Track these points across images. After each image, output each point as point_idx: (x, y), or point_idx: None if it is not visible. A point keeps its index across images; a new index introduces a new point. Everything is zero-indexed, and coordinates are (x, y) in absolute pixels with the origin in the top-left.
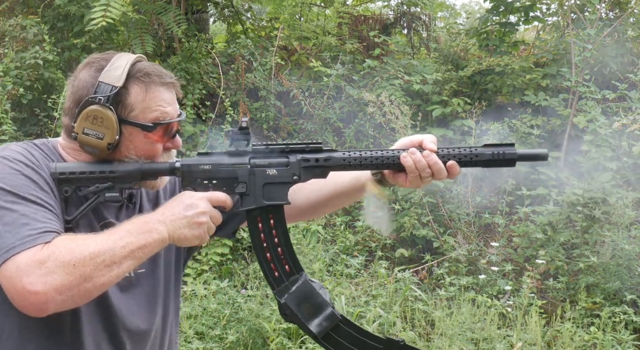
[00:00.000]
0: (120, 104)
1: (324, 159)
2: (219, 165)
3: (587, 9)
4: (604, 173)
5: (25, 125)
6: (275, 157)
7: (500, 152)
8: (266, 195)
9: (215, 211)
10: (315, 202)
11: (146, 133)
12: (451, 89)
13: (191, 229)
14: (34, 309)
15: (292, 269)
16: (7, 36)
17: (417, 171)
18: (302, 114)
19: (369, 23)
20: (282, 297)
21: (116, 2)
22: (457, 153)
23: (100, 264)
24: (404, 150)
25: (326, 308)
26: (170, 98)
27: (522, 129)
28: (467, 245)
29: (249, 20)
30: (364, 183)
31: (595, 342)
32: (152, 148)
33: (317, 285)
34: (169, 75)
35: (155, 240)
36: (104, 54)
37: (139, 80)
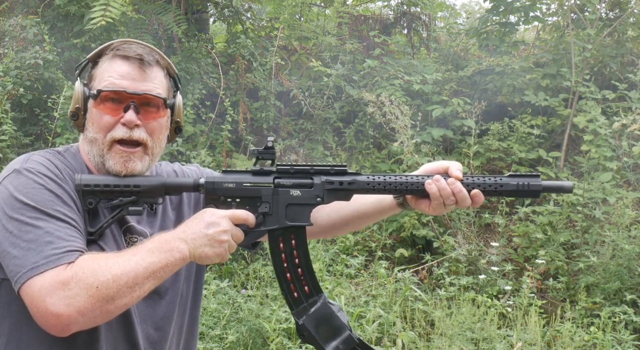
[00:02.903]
0: (90, 78)
1: (348, 182)
2: (243, 184)
3: (587, 9)
4: (604, 173)
5: (25, 125)
6: (299, 178)
7: (525, 183)
8: (289, 216)
9: (236, 229)
10: (336, 221)
11: (94, 102)
12: (451, 89)
13: (212, 247)
14: (56, 329)
15: (311, 291)
16: (7, 36)
17: (441, 198)
18: (302, 114)
19: (369, 23)
20: (300, 318)
21: (116, 2)
22: (482, 182)
23: (123, 285)
24: (429, 176)
25: (344, 331)
26: (127, 72)
27: (522, 129)
28: (467, 245)
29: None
30: (387, 206)
31: (595, 342)
32: (100, 119)
33: (336, 308)
34: (140, 52)
35: (177, 259)
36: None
37: (106, 54)
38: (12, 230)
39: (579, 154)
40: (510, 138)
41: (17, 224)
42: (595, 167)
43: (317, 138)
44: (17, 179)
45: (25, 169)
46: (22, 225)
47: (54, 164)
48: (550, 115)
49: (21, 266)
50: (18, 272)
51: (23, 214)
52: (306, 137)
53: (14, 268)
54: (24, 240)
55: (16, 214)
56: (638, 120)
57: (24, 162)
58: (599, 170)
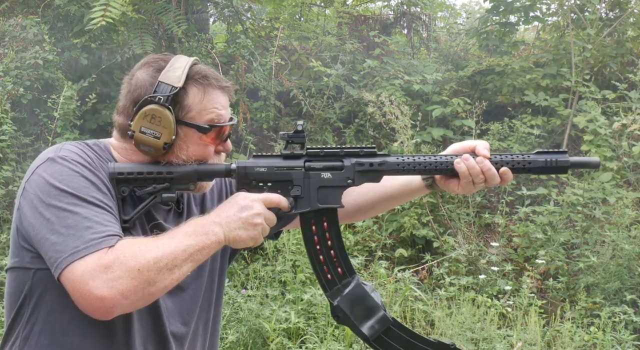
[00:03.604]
0: (178, 104)
1: (378, 164)
2: (274, 168)
3: (587, 9)
4: (603, 173)
5: (25, 125)
6: (329, 160)
7: (553, 159)
8: (320, 199)
9: (269, 213)
10: (363, 204)
11: (201, 135)
12: (451, 89)
13: (246, 230)
14: (99, 313)
15: (345, 272)
16: (7, 36)
17: (470, 177)
18: (302, 114)
19: (369, 23)
20: (334, 300)
21: (116, 2)
22: (510, 160)
23: (162, 268)
24: (457, 155)
25: (378, 311)
26: (224, 101)
27: (522, 129)
28: (467, 245)
29: (249, 20)
30: (415, 188)
31: (595, 342)
32: (204, 150)
33: (369, 288)
34: (225, 79)
35: (213, 242)
36: (161, 55)
37: (197, 82)
38: (50, 217)
39: (579, 154)
40: (510, 138)
41: (54, 211)
42: None
43: (317, 138)
44: (52, 167)
45: (59, 157)
46: (60, 211)
47: (86, 153)
48: (550, 115)
49: (61, 251)
50: (58, 258)
51: (60, 200)
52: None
53: (54, 254)
54: (63, 226)
55: (53, 200)
56: (638, 120)
57: (58, 150)
58: (599, 170)
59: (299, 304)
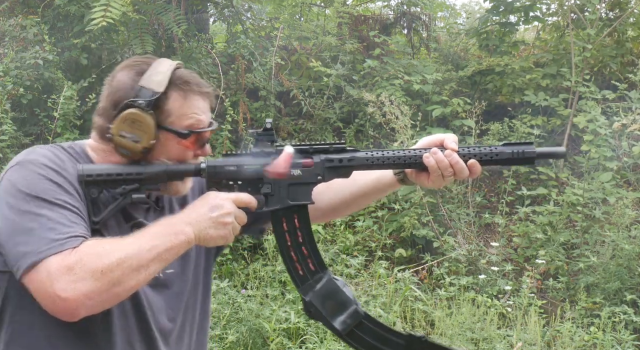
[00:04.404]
0: (158, 109)
1: (347, 159)
2: (244, 167)
3: (587, 9)
4: (604, 173)
5: (25, 125)
6: (299, 157)
7: (519, 150)
8: (291, 196)
9: (240, 212)
10: (338, 203)
11: (180, 140)
12: (451, 89)
13: (217, 230)
14: (64, 314)
15: (316, 268)
16: (7, 36)
17: (439, 170)
18: (302, 114)
19: (369, 23)
20: (306, 295)
21: (116, 2)
22: (478, 152)
23: (127, 268)
24: (426, 150)
25: (350, 305)
26: (204, 107)
27: (522, 129)
28: (467, 245)
29: (249, 20)
30: (387, 183)
31: (595, 342)
32: (183, 154)
33: (341, 283)
34: (206, 84)
35: (182, 242)
36: (144, 57)
37: (178, 87)
38: (14, 219)
39: (579, 154)
40: (510, 138)
41: (19, 214)
42: (595, 167)
43: (317, 138)
44: (19, 172)
45: (27, 161)
46: (24, 214)
47: (56, 155)
48: (550, 115)
49: (24, 253)
50: (20, 260)
51: (26, 203)
52: (306, 137)
53: (17, 256)
54: (27, 229)
55: (19, 204)
56: (638, 120)
57: (27, 154)
58: (599, 170)
59: (299, 304)
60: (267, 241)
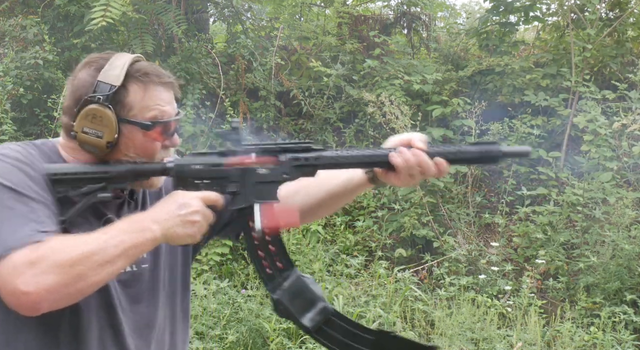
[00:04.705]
0: (119, 103)
1: (313, 158)
2: (211, 165)
3: (587, 9)
4: (604, 173)
5: (25, 125)
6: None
7: (484, 149)
8: (257, 194)
9: (208, 210)
10: (311, 205)
11: (145, 131)
12: (451, 89)
13: (184, 228)
14: (26, 308)
15: (284, 265)
16: (7, 36)
17: (407, 169)
18: (302, 114)
19: (369, 23)
20: (275, 293)
21: (116, 2)
22: (444, 151)
23: (92, 263)
24: (394, 149)
25: (318, 303)
26: (168, 97)
27: (522, 129)
28: (467, 245)
29: (249, 20)
30: (358, 183)
31: (595, 342)
32: (150, 146)
33: (309, 280)
34: (168, 74)
35: (148, 239)
36: (103, 53)
37: (137, 79)
38: None
39: (579, 154)
40: (510, 138)
41: None
42: (595, 167)
43: (317, 138)
44: None
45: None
46: None
47: (28, 152)
48: (550, 115)
49: None
50: None
51: None
52: (306, 137)
53: None
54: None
55: None
56: (638, 120)
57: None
58: (599, 170)
59: None
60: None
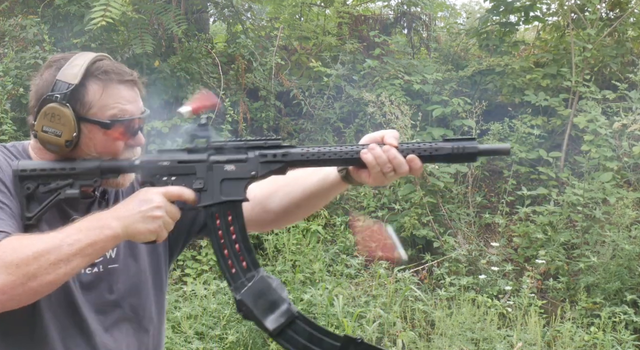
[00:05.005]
0: (78, 101)
1: (281, 155)
2: (178, 162)
3: (587, 9)
4: (604, 173)
5: (25, 126)
6: (233, 153)
7: (460, 146)
8: (224, 191)
9: (171, 206)
10: (288, 206)
11: (105, 130)
12: (451, 89)
13: (146, 224)
14: None
15: (249, 266)
16: (7, 36)
17: (378, 166)
18: (302, 114)
19: (369, 23)
20: (238, 294)
21: (116, 2)
22: (417, 147)
23: (44, 262)
24: (365, 146)
25: (282, 304)
26: (130, 96)
27: (522, 129)
28: (467, 245)
29: (249, 20)
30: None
31: (595, 342)
32: (112, 145)
33: (274, 282)
34: (130, 73)
35: (108, 237)
36: (67, 53)
37: (97, 78)
38: None
39: (579, 154)
40: (510, 138)
41: None
42: (595, 167)
43: (317, 138)
44: None
45: None
46: None
47: None
48: (550, 115)
49: None
50: None
51: None
52: (306, 137)
53: None
54: None
55: None
56: (638, 120)
57: None
58: (599, 170)
59: (298, 304)
60: (267, 241)
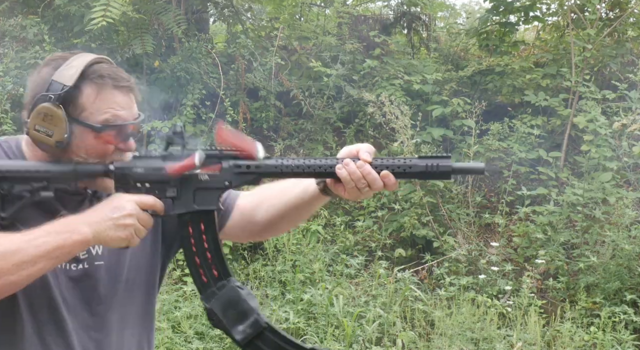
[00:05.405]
0: (71, 103)
1: (255, 166)
2: (152, 169)
3: (587, 9)
4: (604, 173)
5: None
6: (208, 162)
7: (434, 164)
8: (197, 200)
9: (143, 214)
10: (273, 217)
11: (96, 134)
12: (451, 89)
13: (116, 231)
14: None
15: (220, 275)
16: (7, 36)
17: (352, 182)
18: (302, 114)
19: (369, 23)
20: (208, 303)
21: (116, 2)
22: (391, 164)
23: (8, 262)
24: (340, 160)
25: (251, 315)
26: (124, 102)
27: (522, 129)
28: (467, 245)
29: (249, 20)
30: (312, 195)
31: (595, 342)
32: (102, 148)
33: (245, 292)
34: (127, 78)
35: (76, 241)
36: (66, 53)
37: (92, 81)
38: None
39: (579, 154)
40: (510, 138)
41: None
42: (595, 167)
43: (317, 138)
44: None
45: None
46: None
47: None
48: (550, 115)
49: None
50: None
51: None
52: (306, 137)
53: None
54: None
55: None
56: (638, 120)
57: None
58: (599, 170)
59: (298, 304)
60: (267, 241)
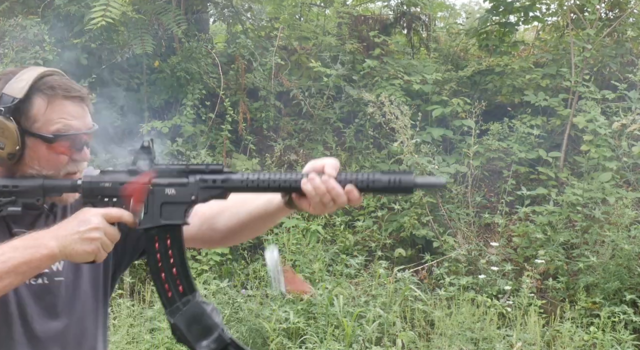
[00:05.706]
0: (23, 115)
1: (221, 180)
2: (119, 184)
3: (587, 9)
4: (603, 173)
5: None
6: (175, 177)
7: (397, 179)
8: (164, 215)
9: (110, 228)
10: (235, 226)
11: (49, 144)
12: (451, 89)
13: (83, 245)
14: None
15: (185, 290)
16: (7, 36)
17: (317, 196)
18: (302, 114)
19: (368, 23)
20: (173, 318)
21: (116, 2)
22: (354, 178)
23: None
24: (305, 175)
25: (215, 331)
26: (76, 111)
27: (521, 129)
28: (467, 245)
29: (249, 20)
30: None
31: (595, 342)
32: (55, 159)
33: (209, 307)
34: (78, 89)
35: (44, 256)
36: (18, 67)
37: (42, 92)
38: None
39: (578, 154)
40: (510, 138)
41: None
42: (595, 167)
43: (317, 138)
44: None
45: None
46: None
47: None
48: (550, 115)
49: None
50: None
51: None
52: (306, 137)
53: None
54: None
55: None
56: (638, 120)
57: None
58: (598, 170)
59: (298, 304)
60: (267, 241)
